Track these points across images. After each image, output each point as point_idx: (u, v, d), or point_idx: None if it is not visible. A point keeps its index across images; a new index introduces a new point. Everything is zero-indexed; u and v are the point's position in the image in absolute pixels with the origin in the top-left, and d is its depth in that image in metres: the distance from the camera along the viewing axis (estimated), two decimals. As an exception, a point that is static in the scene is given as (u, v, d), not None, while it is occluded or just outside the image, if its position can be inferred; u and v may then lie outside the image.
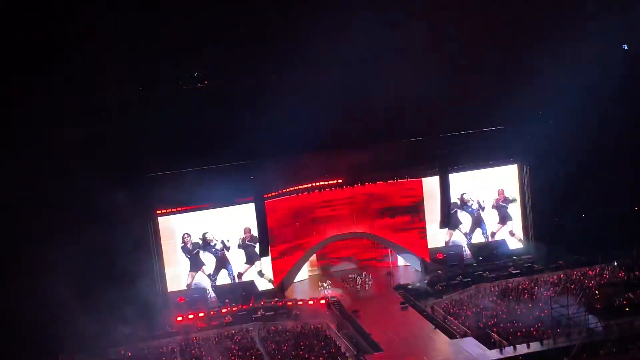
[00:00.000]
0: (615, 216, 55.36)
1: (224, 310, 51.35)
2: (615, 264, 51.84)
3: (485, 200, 59.06)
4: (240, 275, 55.41)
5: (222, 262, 55.05)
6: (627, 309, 43.87)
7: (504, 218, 59.30)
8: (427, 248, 58.31)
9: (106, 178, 46.74)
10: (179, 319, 50.50)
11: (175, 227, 54.15)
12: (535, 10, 55.66)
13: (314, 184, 56.36)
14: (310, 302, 52.20)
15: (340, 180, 56.73)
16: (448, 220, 57.93)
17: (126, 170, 50.41)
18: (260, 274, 55.60)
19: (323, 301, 52.16)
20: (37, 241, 45.62)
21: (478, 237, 59.29)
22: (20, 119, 48.40)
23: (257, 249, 55.34)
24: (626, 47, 58.29)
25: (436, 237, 58.66)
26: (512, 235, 59.23)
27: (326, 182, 56.52)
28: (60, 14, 48.61)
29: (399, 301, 51.30)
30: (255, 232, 55.07)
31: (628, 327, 41.93)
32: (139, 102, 53.12)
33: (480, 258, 57.28)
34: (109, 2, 49.38)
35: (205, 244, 54.67)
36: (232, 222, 55.22)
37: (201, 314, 51.02)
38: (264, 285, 55.42)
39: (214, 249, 54.79)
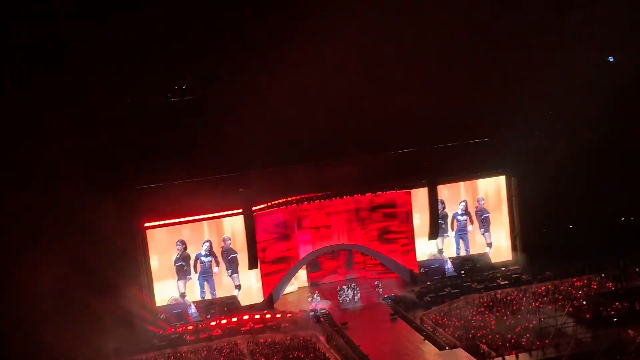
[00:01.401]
0: (603, 227, 55.59)
1: (212, 324, 51.33)
2: (603, 274, 52.03)
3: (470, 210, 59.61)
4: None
5: (208, 274, 54.84)
6: (615, 319, 44.00)
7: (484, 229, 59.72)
8: (416, 259, 58.39)
9: (94, 190, 46.58)
10: (167, 331, 50.36)
11: (163, 240, 53.89)
12: (521, 21, 56.00)
13: (302, 196, 56.35)
14: (299, 314, 52.10)
15: (329, 192, 56.73)
16: (437, 231, 58.00)
17: (114, 183, 50.22)
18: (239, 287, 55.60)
19: (312, 313, 52.05)
20: (21, 253, 45.31)
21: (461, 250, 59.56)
22: (7, 129, 48.15)
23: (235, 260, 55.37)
24: (612, 59, 58.73)
25: (424, 248, 58.77)
26: (490, 247, 59.49)
27: (315, 194, 56.51)
28: (49, 27, 48.57)
29: (388, 313, 51.30)
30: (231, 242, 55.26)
31: (616, 337, 42.07)
32: (127, 113, 53.01)
33: (463, 272, 57.29)
34: (97, 15, 49.28)
35: (194, 255, 54.64)
36: (220, 234, 55.08)
37: (190, 327, 50.92)
38: (246, 299, 55.20)
39: (202, 259, 54.65)
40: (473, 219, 59.47)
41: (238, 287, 55.45)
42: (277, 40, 52.08)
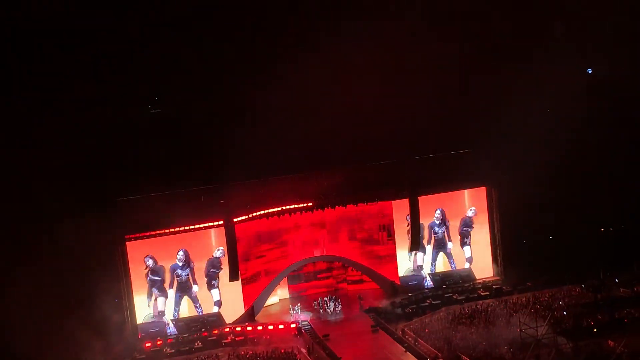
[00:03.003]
0: (582, 238, 55.89)
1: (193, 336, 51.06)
2: (583, 285, 52.33)
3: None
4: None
5: (185, 290, 54.28)
6: (595, 329, 44.23)
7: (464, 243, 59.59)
8: (397, 271, 58.39)
9: (74, 202, 46.22)
10: (147, 345, 49.97)
11: (144, 253, 53.43)
12: (502, 34, 56.47)
13: (284, 207, 56.25)
14: (281, 327, 51.92)
15: (310, 203, 56.66)
16: (418, 243, 57.95)
17: (94, 194, 49.87)
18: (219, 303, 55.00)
19: (294, 325, 51.91)
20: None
21: (443, 264, 59.28)
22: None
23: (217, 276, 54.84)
24: (590, 71, 59.31)
25: (406, 260, 58.76)
26: (470, 262, 59.39)
27: (297, 205, 56.42)
28: (34, 37, 48.36)
29: (370, 324, 51.21)
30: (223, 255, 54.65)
31: (596, 347, 42.25)
32: (107, 125, 52.76)
33: (445, 286, 57.08)
34: (80, 25, 49.15)
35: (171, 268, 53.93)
36: (202, 246, 54.72)
37: (170, 340, 50.57)
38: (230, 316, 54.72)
39: (178, 272, 53.89)
40: (451, 232, 59.20)
41: (218, 303, 54.83)
42: (260, 53, 52.21)
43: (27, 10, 48.59)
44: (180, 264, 53.95)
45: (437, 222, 58.82)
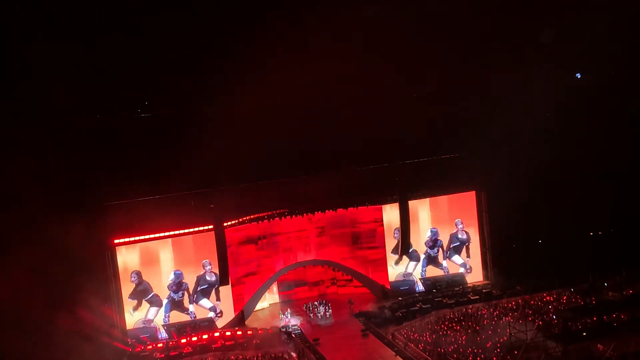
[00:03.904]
0: (572, 241, 56.09)
1: (183, 341, 50.83)
2: (572, 289, 52.49)
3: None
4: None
5: (178, 305, 54.10)
6: (584, 333, 44.35)
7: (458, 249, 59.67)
8: (387, 275, 58.41)
9: (62, 206, 46.00)
10: (137, 349, 49.79)
11: (135, 256, 53.24)
12: (491, 37, 56.60)
13: (274, 211, 56.21)
14: (271, 331, 51.81)
15: (300, 208, 56.64)
16: (407, 246, 58.01)
17: (83, 199, 49.66)
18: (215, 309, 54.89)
19: (284, 329, 51.78)
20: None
21: (435, 269, 59.43)
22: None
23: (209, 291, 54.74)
24: (579, 76, 59.54)
25: (396, 263, 58.81)
26: (464, 267, 59.54)
27: (287, 209, 56.37)
28: (14, 42, 48.13)
29: (360, 328, 51.20)
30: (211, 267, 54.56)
31: (585, 351, 42.38)
32: (96, 129, 52.58)
33: (435, 291, 57.24)
34: (63, 29, 48.91)
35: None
36: (192, 251, 54.57)
37: (160, 345, 50.39)
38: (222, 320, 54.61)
39: (172, 295, 53.78)
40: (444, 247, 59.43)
41: (212, 309, 54.67)
42: (246, 56, 52.07)
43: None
44: (175, 287, 53.67)
45: (430, 243, 58.96)
